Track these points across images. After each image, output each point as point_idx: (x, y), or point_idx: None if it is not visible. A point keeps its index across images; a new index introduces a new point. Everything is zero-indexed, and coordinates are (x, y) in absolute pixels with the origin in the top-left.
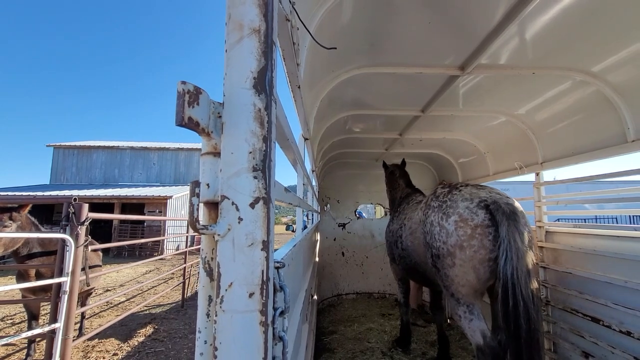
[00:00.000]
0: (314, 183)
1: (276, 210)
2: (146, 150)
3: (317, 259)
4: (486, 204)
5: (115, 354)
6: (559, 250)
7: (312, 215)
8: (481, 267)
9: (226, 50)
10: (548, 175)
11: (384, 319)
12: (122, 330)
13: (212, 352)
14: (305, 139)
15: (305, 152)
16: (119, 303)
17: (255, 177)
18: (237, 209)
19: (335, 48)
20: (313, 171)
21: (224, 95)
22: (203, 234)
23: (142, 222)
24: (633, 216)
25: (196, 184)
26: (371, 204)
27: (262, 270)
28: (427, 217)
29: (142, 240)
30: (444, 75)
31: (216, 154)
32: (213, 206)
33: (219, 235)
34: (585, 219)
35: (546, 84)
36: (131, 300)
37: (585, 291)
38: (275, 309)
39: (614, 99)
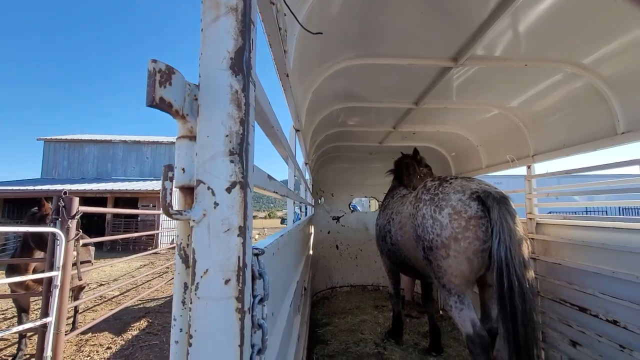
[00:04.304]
0: (307, 176)
1: (271, 204)
2: (139, 144)
3: (310, 252)
4: (478, 195)
5: (109, 348)
6: (549, 242)
7: (306, 208)
8: (475, 258)
9: (202, 30)
10: (539, 167)
11: (378, 311)
12: (116, 324)
13: (187, 340)
14: (297, 131)
15: (297, 143)
16: (113, 297)
17: (232, 161)
18: (213, 194)
19: (321, 33)
20: (306, 164)
21: (200, 77)
22: (177, 219)
23: (135, 216)
24: (622, 208)
25: (169, 168)
26: (365, 197)
27: (239, 257)
28: (418, 210)
29: (136, 234)
30: (437, 66)
31: (192, 137)
32: (188, 191)
33: (194, 220)
34: (575, 212)
35: (538, 77)
36: (125, 294)
37: (573, 281)
38: (254, 297)
39: (604, 91)
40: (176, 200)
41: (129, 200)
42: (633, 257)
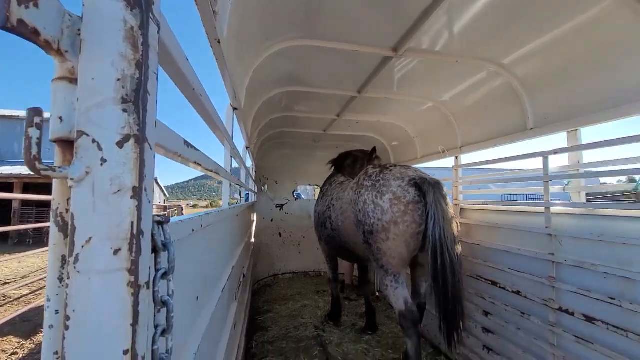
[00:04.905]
0: (249, 162)
1: (214, 193)
2: None
3: (252, 240)
4: (415, 182)
5: (14, 353)
6: (470, 225)
7: (248, 195)
8: (412, 240)
9: None
10: (465, 158)
11: (319, 296)
12: (25, 326)
13: (64, 323)
14: (234, 109)
15: (234, 123)
16: (21, 297)
17: (124, 110)
18: (100, 148)
19: None
20: (247, 148)
21: (84, 6)
22: (47, 176)
23: (49, 203)
24: (528, 194)
25: (35, 112)
26: (310, 185)
27: (132, 222)
28: (360, 196)
29: (47, 224)
30: (379, 55)
31: (72, 80)
32: (67, 145)
33: (72, 179)
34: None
35: (467, 73)
36: (37, 292)
37: (488, 259)
38: (156, 270)
39: (519, 90)
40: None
41: (43, 185)
42: (534, 236)
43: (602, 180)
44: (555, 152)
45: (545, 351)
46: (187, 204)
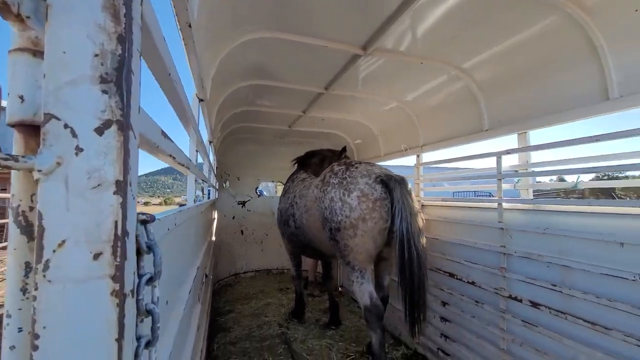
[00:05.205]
0: (211, 156)
1: (167, 189)
2: None
3: (213, 238)
4: (381, 179)
5: None
6: (430, 221)
7: (209, 191)
8: (379, 236)
9: None
10: (426, 157)
11: (282, 294)
12: None
13: (31, 342)
14: (200, 100)
15: (200, 115)
16: None
17: (104, 92)
18: (74, 135)
19: None
20: (210, 142)
21: None
22: (8, 167)
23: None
24: (477, 192)
25: None
26: (273, 182)
27: (115, 222)
28: (325, 193)
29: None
30: (348, 53)
31: (37, 52)
32: (31, 130)
33: (40, 171)
34: (455, 195)
35: (430, 75)
36: None
37: (446, 253)
38: (140, 275)
39: (476, 93)
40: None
41: None
42: (487, 230)
43: (541, 179)
44: (507, 152)
45: (496, 336)
46: (139, 202)
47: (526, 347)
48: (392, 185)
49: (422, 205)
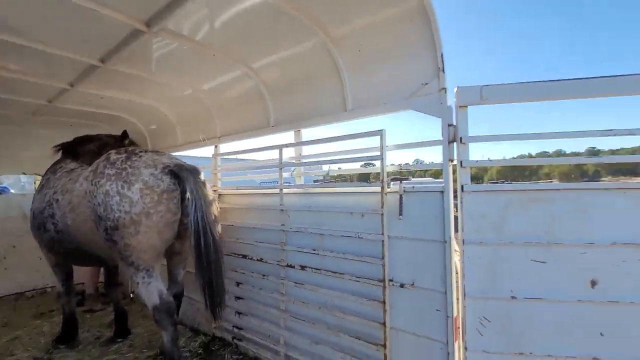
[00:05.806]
0: None
1: None
2: None
3: None
4: (170, 169)
5: None
6: (226, 209)
7: None
8: (166, 230)
9: None
10: (224, 147)
11: (43, 319)
12: None
13: None
14: None
15: None
16: None
17: None
18: None
19: None
20: None
21: None
22: None
23: None
24: (269, 181)
25: None
26: (24, 174)
27: None
28: (99, 187)
29: None
30: (129, 25)
31: None
32: None
33: None
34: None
35: (225, 69)
36: None
37: (240, 237)
38: None
39: (264, 92)
40: None
41: None
42: (272, 212)
43: (308, 168)
44: (286, 145)
45: (278, 300)
46: None
47: (297, 303)
48: (184, 175)
49: (219, 194)
